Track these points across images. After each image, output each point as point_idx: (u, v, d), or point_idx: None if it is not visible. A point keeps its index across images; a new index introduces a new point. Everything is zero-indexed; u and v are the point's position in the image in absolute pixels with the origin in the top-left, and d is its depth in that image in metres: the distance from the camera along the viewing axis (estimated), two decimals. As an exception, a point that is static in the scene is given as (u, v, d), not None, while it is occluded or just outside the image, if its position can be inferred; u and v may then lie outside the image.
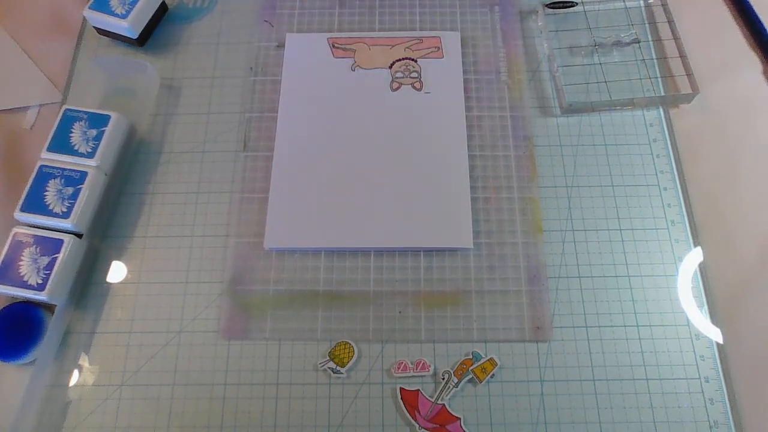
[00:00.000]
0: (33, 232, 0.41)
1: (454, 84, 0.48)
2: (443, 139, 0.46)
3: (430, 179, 0.44)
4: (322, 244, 0.43)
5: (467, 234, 0.43)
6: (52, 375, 0.40)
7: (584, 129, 0.47)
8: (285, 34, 0.51)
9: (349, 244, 0.43)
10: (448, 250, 0.43)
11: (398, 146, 0.46)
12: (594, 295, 0.42)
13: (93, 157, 0.43)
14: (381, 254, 0.43)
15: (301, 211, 0.43)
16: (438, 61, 0.49)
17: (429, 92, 0.47)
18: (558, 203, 0.45)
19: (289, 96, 0.48)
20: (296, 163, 0.45)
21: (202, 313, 0.42)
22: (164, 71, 0.50)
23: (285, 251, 0.43)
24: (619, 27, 0.51)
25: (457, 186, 0.44)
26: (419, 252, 0.43)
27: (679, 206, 0.44)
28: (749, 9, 0.51)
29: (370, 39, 0.50)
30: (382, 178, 0.44)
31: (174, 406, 0.39)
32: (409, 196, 0.44)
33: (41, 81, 0.50)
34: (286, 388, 0.40)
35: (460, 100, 0.47)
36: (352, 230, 0.43)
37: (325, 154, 0.45)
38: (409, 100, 0.47)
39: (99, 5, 0.48)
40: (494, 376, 0.39)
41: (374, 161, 0.45)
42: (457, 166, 0.45)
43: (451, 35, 0.50)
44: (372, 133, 0.46)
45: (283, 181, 0.44)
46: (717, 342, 0.40)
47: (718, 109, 0.48)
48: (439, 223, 0.43)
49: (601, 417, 0.38)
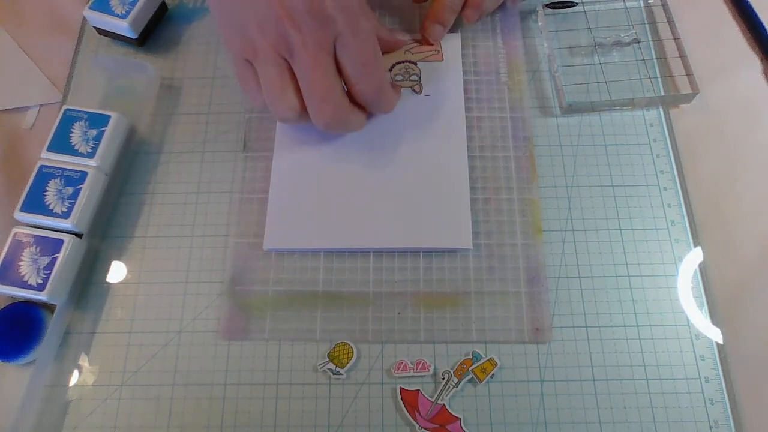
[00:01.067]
0: (33, 232, 0.41)
1: (454, 85, 0.48)
2: (443, 140, 0.46)
3: (429, 180, 0.44)
4: (322, 245, 0.43)
5: (467, 235, 0.42)
6: (52, 375, 0.40)
7: (584, 129, 0.47)
8: None
9: (348, 245, 0.43)
10: (448, 250, 0.43)
11: (398, 147, 0.45)
12: (594, 295, 0.42)
13: (93, 157, 0.43)
14: (380, 255, 0.43)
15: (301, 212, 0.43)
16: (438, 62, 0.49)
17: (429, 94, 0.47)
18: (558, 203, 0.45)
19: None
20: (296, 164, 0.45)
21: (202, 313, 0.42)
22: (164, 71, 0.50)
23: (284, 252, 0.43)
24: (619, 27, 0.51)
25: (456, 187, 0.44)
26: (418, 253, 0.43)
27: (679, 206, 0.44)
28: (749, 9, 0.51)
29: None
30: (382, 179, 0.44)
31: (174, 406, 0.39)
32: (409, 197, 0.44)
33: (41, 81, 0.50)
34: (286, 388, 0.40)
35: (460, 102, 0.47)
36: (352, 231, 0.43)
37: (324, 155, 0.45)
38: (409, 102, 0.47)
39: (99, 5, 0.48)
40: (494, 376, 0.39)
41: (374, 162, 0.45)
42: (457, 167, 0.45)
43: (450, 36, 0.50)
44: (372, 134, 0.46)
45: (283, 182, 0.44)
46: (717, 342, 0.40)
47: (718, 109, 0.48)
48: (439, 223, 0.43)
49: (601, 417, 0.38)
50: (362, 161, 0.45)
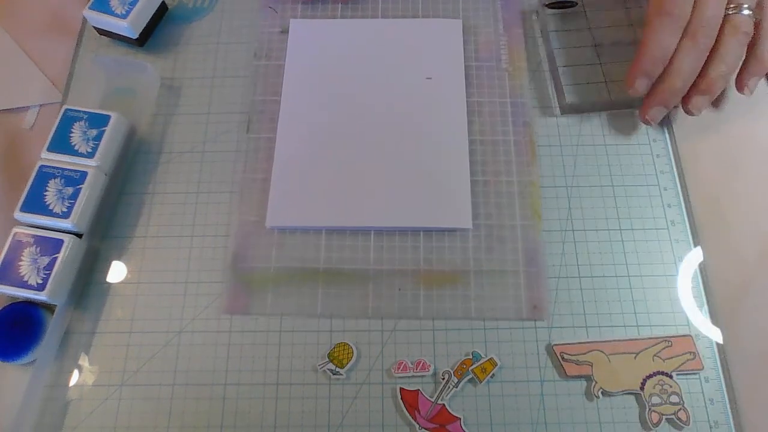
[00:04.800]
0: (33, 232, 0.41)
1: (455, 70, 0.49)
2: (444, 124, 0.46)
3: (430, 162, 0.45)
4: (324, 223, 0.44)
5: (466, 215, 0.43)
6: (52, 375, 0.40)
7: (584, 129, 0.47)
8: (289, 20, 0.52)
9: (350, 224, 0.43)
10: (448, 230, 0.43)
11: (399, 129, 0.46)
12: (594, 295, 0.42)
13: (93, 157, 0.43)
14: (381, 233, 0.44)
15: (303, 191, 0.44)
16: (441, 49, 0.49)
17: (430, 78, 0.48)
18: (558, 203, 0.45)
19: (292, 79, 0.49)
20: (299, 144, 0.46)
21: (202, 313, 0.42)
22: (164, 71, 0.50)
23: (286, 230, 0.44)
24: (620, 27, 0.51)
25: (456, 168, 0.45)
26: (419, 232, 0.44)
27: (679, 206, 0.44)
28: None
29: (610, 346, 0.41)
30: (384, 161, 0.45)
31: (174, 406, 0.39)
32: (410, 178, 0.44)
33: (41, 81, 0.50)
34: (286, 388, 0.40)
35: (461, 86, 0.48)
36: (354, 210, 0.44)
37: (327, 136, 0.46)
38: (411, 86, 0.48)
39: (99, 5, 0.48)
40: (494, 376, 0.39)
41: (376, 144, 0.46)
42: (457, 149, 0.45)
43: (452, 23, 0.51)
44: (374, 116, 0.47)
45: (286, 161, 0.45)
46: (717, 342, 0.40)
47: (718, 109, 0.48)
48: (439, 203, 0.44)
49: (601, 417, 0.38)
50: (365, 142, 0.46)
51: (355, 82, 0.48)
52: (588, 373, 0.39)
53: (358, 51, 0.50)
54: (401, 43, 0.50)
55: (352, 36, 0.51)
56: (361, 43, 0.50)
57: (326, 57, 0.50)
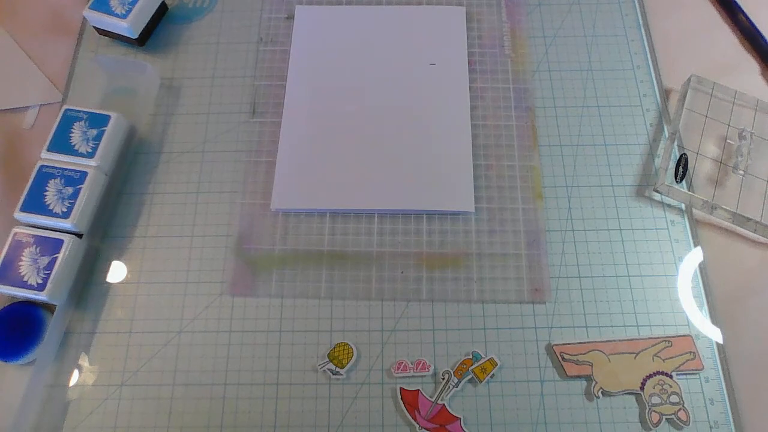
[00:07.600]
0: (33, 232, 0.41)
1: (458, 56, 0.49)
2: (447, 109, 0.47)
3: (433, 146, 0.46)
4: (328, 206, 0.44)
5: (469, 198, 0.44)
6: (52, 375, 0.40)
7: (584, 129, 0.47)
8: (294, 6, 0.52)
9: (354, 206, 0.44)
10: (450, 213, 0.44)
11: (403, 114, 0.47)
12: (594, 295, 0.42)
13: (93, 157, 0.43)
14: (385, 216, 0.44)
15: (308, 174, 0.45)
16: (444, 36, 0.50)
17: (434, 63, 0.49)
18: (558, 203, 0.45)
19: (298, 64, 0.49)
20: (304, 127, 0.47)
21: (202, 313, 0.42)
22: (164, 71, 0.50)
23: (291, 212, 0.44)
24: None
25: (459, 152, 0.45)
26: (422, 215, 0.44)
27: (679, 205, 0.44)
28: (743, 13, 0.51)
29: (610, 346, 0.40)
30: (388, 144, 0.46)
31: (174, 406, 0.39)
32: (413, 161, 0.45)
33: (41, 81, 0.50)
34: (286, 388, 0.40)
35: (464, 72, 0.49)
36: (358, 193, 0.44)
37: (332, 120, 0.47)
38: (415, 71, 0.49)
39: (99, 5, 0.48)
40: (494, 376, 0.39)
41: (380, 128, 0.46)
42: (460, 134, 0.46)
43: (456, 10, 0.51)
44: (378, 101, 0.48)
45: (291, 144, 0.46)
46: (717, 342, 0.40)
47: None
48: (442, 187, 0.44)
49: (601, 417, 0.38)
50: (370, 126, 0.46)
51: (360, 68, 0.49)
52: (588, 373, 0.39)
53: (363, 37, 0.50)
54: (406, 30, 0.51)
55: (357, 22, 0.51)
56: (365, 30, 0.51)
57: (331, 43, 0.50)
